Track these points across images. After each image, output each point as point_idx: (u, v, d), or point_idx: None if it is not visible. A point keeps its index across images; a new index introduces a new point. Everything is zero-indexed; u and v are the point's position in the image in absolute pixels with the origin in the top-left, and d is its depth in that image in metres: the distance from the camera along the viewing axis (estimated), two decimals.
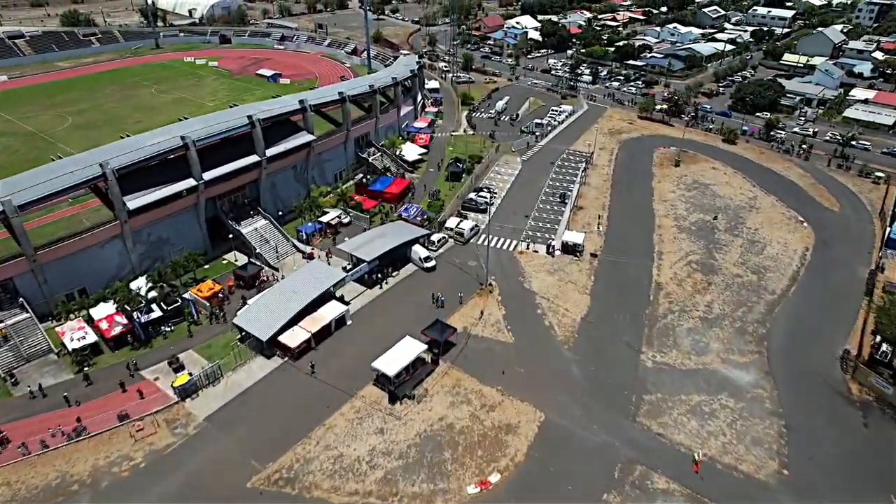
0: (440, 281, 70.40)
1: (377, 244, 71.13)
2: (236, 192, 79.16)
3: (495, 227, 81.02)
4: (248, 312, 61.62)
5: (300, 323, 60.69)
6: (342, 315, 63.08)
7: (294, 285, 63.93)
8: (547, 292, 68.48)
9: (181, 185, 70.58)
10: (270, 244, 76.60)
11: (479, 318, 64.32)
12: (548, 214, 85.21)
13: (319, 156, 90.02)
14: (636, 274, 71.55)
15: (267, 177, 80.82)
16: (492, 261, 73.58)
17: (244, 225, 77.52)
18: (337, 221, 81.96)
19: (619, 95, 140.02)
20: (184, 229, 73.59)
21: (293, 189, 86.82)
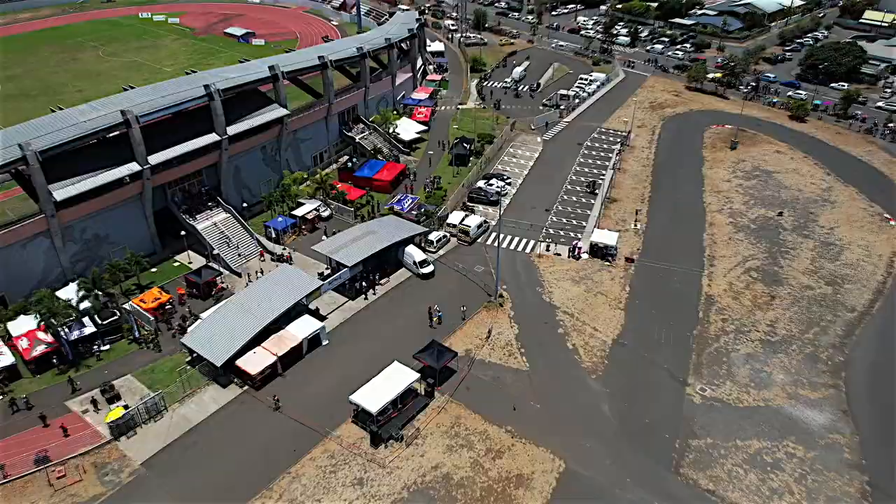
0: (439, 291, 68.13)
1: (362, 245, 68.46)
2: (191, 180, 76.74)
3: (509, 224, 78.43)
4: (200, 330, 59.03)
5: (264, 343, 58.06)
6: (317, 333, 60.38)
7: (257, 296, 61.30)
8: (571, 306, 65.71)
9: (122, 171, 68.03)
10: (232, 243, 73.98)
11: (486, 339, 61.65)
12: (574, 208, 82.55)
13: (295, 134, 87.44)
14: (682, 284, 68.67)
15: (229, 160, 78.24)
16: (504, 266, 71.18)
17: (200, 219, 75.06)
18: (314, 215, 79.42)
19: (663, 61, 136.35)
20: (127, 224, 71.22)
21: (262, 175, 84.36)
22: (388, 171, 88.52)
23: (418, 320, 63.94)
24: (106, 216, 69.42)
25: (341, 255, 66.96)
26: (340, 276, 66.09)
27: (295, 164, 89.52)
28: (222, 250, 72.79)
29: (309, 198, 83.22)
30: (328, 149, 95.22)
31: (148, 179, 70.14)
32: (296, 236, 78.09)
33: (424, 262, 70.54)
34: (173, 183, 75.09)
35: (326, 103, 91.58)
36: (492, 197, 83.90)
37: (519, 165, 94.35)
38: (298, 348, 59.43)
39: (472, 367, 58.81)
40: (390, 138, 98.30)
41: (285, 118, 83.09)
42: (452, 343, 61.42)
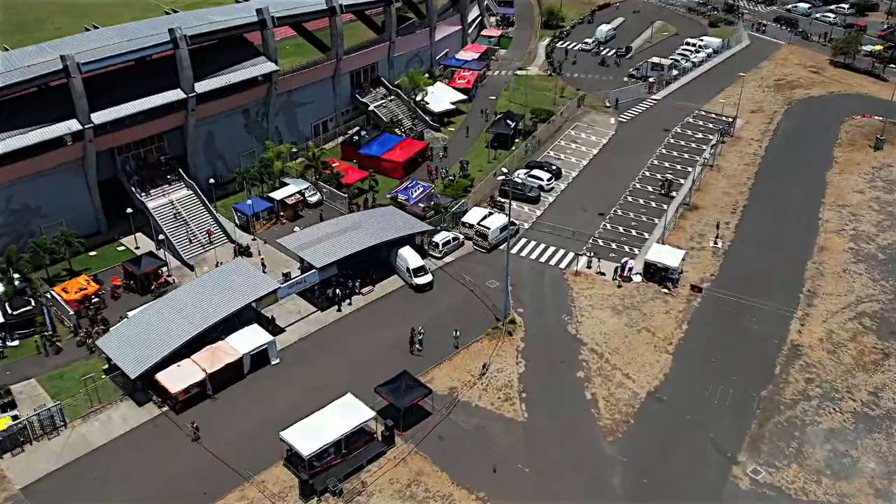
0: (435, 307, 68.44)
1: (341, 241, 69.44)
2: (148, 146, 79.81)
3: (544, 229, 78.29)
4: (121, 332, 61.34)
5: (194, 356, 59.71)
6: (264, 349, 61.60)
7: (196, 295, 63.14)
8: (602, 343, 64.46)
9: (58, 130, 71.53)
10: (190, 228, 76.53)
11: (479, 376, 61.21)
12: (637, 213, 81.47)
13: (289, 96, 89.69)
14: (761, 326, 66.22)
15: (198, 124, 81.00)
16: (526, 282, 70.86)
17: (153, 195, 78.01)
18: (297, 199, 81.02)
19: (807, 26, 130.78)
20: (64, 196, 74.88)
21: (243, 144, 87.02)
22: (403, 149, 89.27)
23: (399, 343, 64.17)
24: (38, 184, 73.17)
25: (310, 253, 68.00)
26: (306, 278, 67.07)
27: (288, 134, 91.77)
28: (174, 235, 75.26)
29: (297, 177, 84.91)
30: (334, 117, 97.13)
31: (90, 141, 73.48)
32: (270, 224, 79.88)
33: (420, 271, 70.66)
34: (125, 148, 78.45)
35: (334, 59, 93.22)
36: (530, 192, 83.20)
37: (578, 153, 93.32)
38: (238, 365, 60.71)
39: (453, 411, 58.42)
40: (416, 108, 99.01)
41: (274, 75, 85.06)
42: (435, 377, 61.31)
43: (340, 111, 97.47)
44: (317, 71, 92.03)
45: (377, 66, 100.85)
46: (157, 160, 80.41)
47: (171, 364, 59.24)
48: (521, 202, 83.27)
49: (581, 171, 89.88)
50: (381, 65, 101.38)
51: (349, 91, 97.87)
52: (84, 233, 75.95)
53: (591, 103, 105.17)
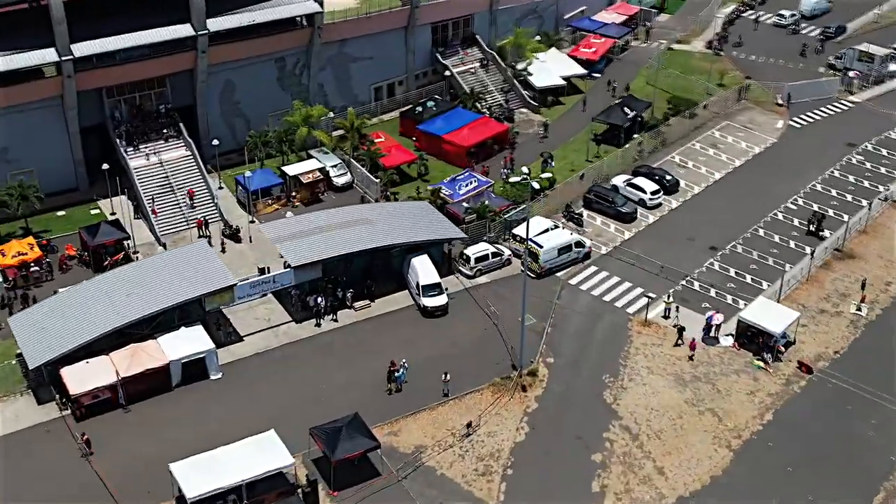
0: (441, 339, 69.31)
1: (336, 238, 71.04)
2: (146, 90, 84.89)
3: (625, 257, 77.68)
4: (38, 311, 65.84)
5: (114, 353, 63.19)
6: (200, 358, 64.24)
7: (134, 280, 66.70)
8: (645, 420, 62.89)
9: (30, 59, 77.58)
10: (175, 197, 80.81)
11: (461, 437, 61.08)
12: (764, 254, 78.96)
13: (341, 48, 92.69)
14: (881, 435, 62.42)
15: (212, 69, 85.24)
16: (575, 323, 70.94)
17: (140, 152, 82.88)
18: (315, 178, 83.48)
19: None
20: (38, 140, 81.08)
21: (274, 101, 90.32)
22: (473, 131, 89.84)
23: (377, 378, 65.07)
24: (5, 123, 79.57)
25: (290, 248, 69.99)
26: (276, 279, 69.17)
27: (338, 95, 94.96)
28: (151, 204, 79.71)
29: (330, 150, 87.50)
30: (405, 79, 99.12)
31: (69, 76, 79.16)
32: (279, 206, 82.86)
33: (432, 289, 70.99)
34: (117, 90, 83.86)
35: (409, 5, 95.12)
36: (622, 206, 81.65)
37: (715, 162, 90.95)
38: (164, 374, 63.61)
39: (409, 476, 58.58)
40: (513, 78, 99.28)
41: (318, 18, 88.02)
42: (403, 429, 61.65)
43: (413, 73, 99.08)
44: (382, 18, 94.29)
45: (472, 20, 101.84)
46: (155, 109, 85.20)
47: (86, 358, 62.66)
48: (608, 218, 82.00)
49: (709, 186, 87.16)
50: (479, 19, 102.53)
51: (429, 49, 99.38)
52: (58, 188, 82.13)
53: (757, 97, 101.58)
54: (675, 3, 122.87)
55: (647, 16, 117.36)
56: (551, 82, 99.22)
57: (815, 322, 71.37)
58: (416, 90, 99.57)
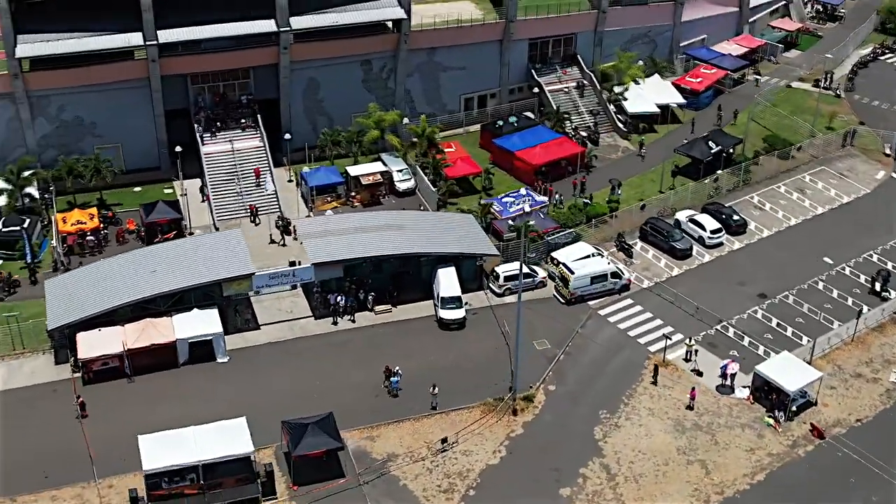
0: (450, 352, 69.65)
1: (363, 240, 72.03)
2: (230, 80, 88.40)
3: (664, 293, 75.72)
4: (72, 278, 69.88)
5: (128, 325, 66.30)
6: (207, 341, 66.51)
7: (163, 257, 69.77)
8: (627, 462, 61.04)
9: (117, 41, 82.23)
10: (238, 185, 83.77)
11: (434, 451, 61.02)
12: (816, 308, 75.02)
13: (431, 56, 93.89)
14: None
15: (295, 66, 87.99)
16: (591, 354, 69.81)
17: (216, 139, 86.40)
18: (375, 180, 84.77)
19: None
20: (125, 118, 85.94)
21: (358, 102, 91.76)
22: (546, 150, 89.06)
23: (375, 380, 65.92)
24: (96, 98, 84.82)
25: (315, 245, 71.44)
26: (295, 273, 70.71)
27: (425, 103, 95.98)
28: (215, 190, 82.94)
29: (399, 155, 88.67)
30: (497, 92, 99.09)
31: (154, 61, 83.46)
32: (338, 204, 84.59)
33: (451, 302, 70.93)
34: (202, 77, 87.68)
35: (504, 19, 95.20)
36: (677, 241, 79.26)
37: (795, 207, 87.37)
38: (170, 350, 66.23)
39: (372, 483, 58.85)
40: (606, 102, 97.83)
41: (403, 23, 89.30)
42: (382, 435, 62.08)
43: (507, 87, 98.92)
44: (475, 30, 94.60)
45: (575, 39, 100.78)
46: (237, 99, 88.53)
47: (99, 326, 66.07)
48: (661, 252, 79.69)
49: (780, 231, 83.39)
50: (583, 39, 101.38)
51: (525, 64, 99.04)
52: (141, 166, 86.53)
53: (866, 145, 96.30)
54: (809, 41, 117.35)
55: (772, 50, 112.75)
56: (645, 109, 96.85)
57: (847, 386, 67.24)
58: (509, 104, 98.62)
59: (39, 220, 79.33)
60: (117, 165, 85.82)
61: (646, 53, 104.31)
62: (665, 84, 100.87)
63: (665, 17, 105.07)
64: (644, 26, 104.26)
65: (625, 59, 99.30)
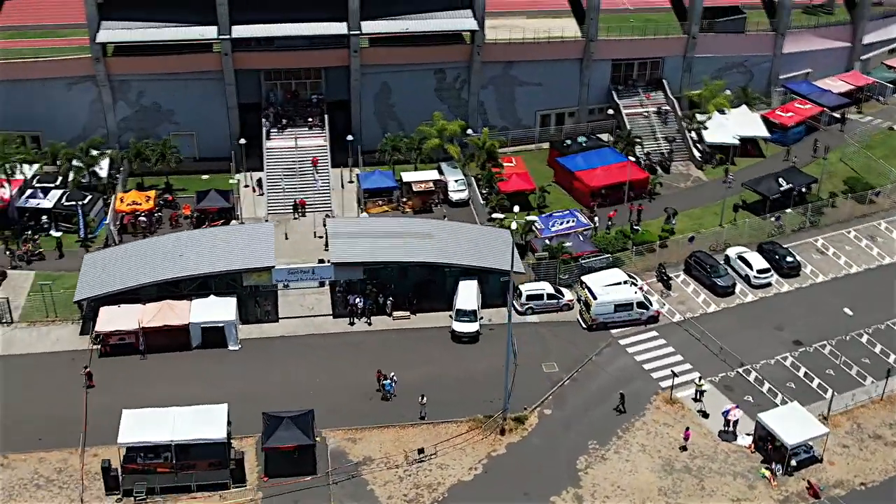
0: (456, 364, 69.60)
1: (388, 245, 72.72)
2: (302, 79, 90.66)
3: (692, 329, 73.29)
4: (108, 254, 73.31)
5: (148, 304, 69.04)
6: (220, 327, 68.53)
7: (193, 243, 72.44)
8: (603, 496, 59.51)
9: (191, 33, 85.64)
10: (281, 181, 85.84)
11: (409, 460, 61.20)
12: (851, 362, 70.98)
13: (506, 69, 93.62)
14: None
15: (367, 69, 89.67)
16: (599, 382, 68.33)
17: (282, 135, 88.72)
18: (426, 188, 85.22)
19: None
20: (200, 107, 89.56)
21: (429, 109, 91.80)
22: (606, 173, 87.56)
23: (373, 384, 66.48)
24: (173, 87, 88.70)
25: (340, 245, 72.53)
26: (315, 271, 71.90)
27: (498, 116, 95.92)
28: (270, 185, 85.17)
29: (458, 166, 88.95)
30: (576, 111, 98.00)
31: (227, 55, 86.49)
32: (389, 208, 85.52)
33: (465, 315, 70.71)
34: (274, 74, 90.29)
35: (584, 37, 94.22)
36: (720, 278, 76.69)
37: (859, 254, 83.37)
38: (183, 333, 68.54)
39: (340, 484, 59.46)
40: (685, 130, 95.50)
41: (477, 35, 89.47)
42: (364, 438, 62.71)
43: (587, 107, 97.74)
44: (553, 46, 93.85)
45: (662, 63, 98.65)
46: (307, 98, 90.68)
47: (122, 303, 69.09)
48: (702, 287, 77.34)
49: (837, 278, 79.53)
50: (672, 64, 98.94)
51: (606, 85, 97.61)
52: (213, 154, 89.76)
53: None
54: None
55: (881, 90, 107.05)
56: (723, 140, 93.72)
57: (862, 446, 63.55)
58: (588, 124, 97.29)
59: (102, 197, 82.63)
60: (191, 153, 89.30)
61: (740, 83, 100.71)
62: (752, 116, 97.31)
63: (764, 48, 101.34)
64: (740, 55, 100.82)
65: (711, 88, 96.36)
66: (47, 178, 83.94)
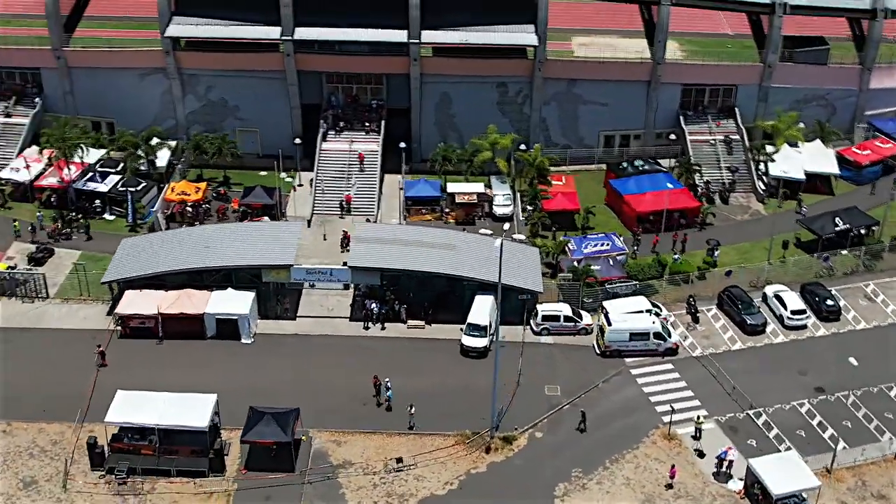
0: (459, 377, 69.23)
1: (408, 254, 72.97)
2: (363, 84, 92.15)
3: (709, 365, 71.05)
4: (144, 241, 76.24)
5: (170, 291, 71.36)
6: (233, 320, 70.30)
7: (223, 236, 74.64)
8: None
9: (256, 32, 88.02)
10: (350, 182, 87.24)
11: (388, 469, 61.53)
12: (870, 415, 67.63)
13: (570, 87, 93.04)
14: None
15: (427, 79, 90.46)
16: (597, 411, 66.74)
17: (338, 138, 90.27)
18: (469, 200, 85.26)
19: None
20: (264, 105, 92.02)
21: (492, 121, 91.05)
22: (656, 199, 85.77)
23: (373, 389, 66.87)
24: (239, 83, 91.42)
25: (360, 249, 73.29)
26: (332, 273, 72.83)
27: (560, 133, 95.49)
28: (321, 186, 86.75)
29: (507, 181, 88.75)
30: (642, 134, 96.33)
31: (289, 56, 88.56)
32: (431, 217, 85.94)
33: (475, 330, 70.53)
34: (336, 77, 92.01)
35: (654, 60, 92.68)
36: (751, 316, 74.31)
37: None
38: (198, 322, 70.52)
39: (312, 483, 60.13)
40: (750, 160, 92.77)
41: (538, 51, 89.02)
42: (351, 440, 63.29)
43: (654, 130, 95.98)
44: (618, 67, 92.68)
45: (736, 91, 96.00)
46: (368, 103, 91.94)
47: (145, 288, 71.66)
48: (731, 323, 75.15)
49: (879, 327, 75.89)
50: (746, 92, 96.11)
51: (675, 109, 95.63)
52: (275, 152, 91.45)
53: None
54: None
55: None
56: (789, 174, 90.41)
57: None
58: (654, 147, 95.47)
59: (157, 186, 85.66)
60: (254, 149, 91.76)
61: (821, 117, 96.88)
62: (826, 152, 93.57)
63: (848, 81, 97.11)
64: (821, 88, 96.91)
65: (785, 119, 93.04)
66: (110, 163, 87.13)
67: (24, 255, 78.56)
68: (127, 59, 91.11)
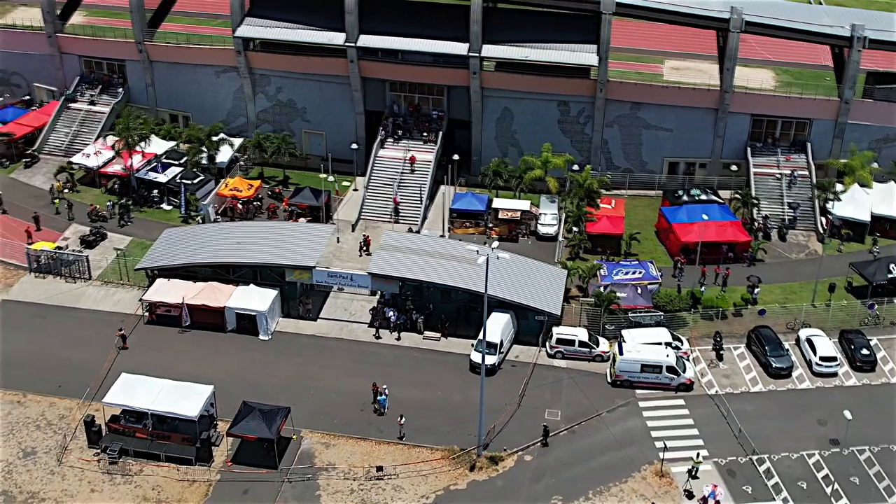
0: (462, 394, 68.93)
1: (430, 265, 73.22)
2: (426, 94, 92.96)
3: (722, 406, 68.84)
4: (184, 232, 79.03)
5: (197, 283, 73.75)
6: (252, 316, 72.21)
7: (256, 234, 76.76)
8: None
9: (321, 37, 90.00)
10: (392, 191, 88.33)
11: (368, 476, 61.99)
12: (886, 473, 64.46)
13: (634, 110, 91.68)
14: None
15: (489, 93, 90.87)
16: (593, 443, 65.98)
17: (396, 146, 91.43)
18: (512, 216, 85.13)
19: None
20: (330, 109, 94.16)
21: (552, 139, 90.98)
22: (704, 230, 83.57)
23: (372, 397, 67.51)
24: (307, 86, 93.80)
25: (382, 256, 73.97)
26: (353, 278, 73.78)
27: (622, 157, 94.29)
28: (373, 189, 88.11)
29: (556, 200, 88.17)
30: (708, 163, 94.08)
31: (353, 62, 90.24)
32: (475, 230, 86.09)
33: (486, 346, 70.10)
34: (399, 86, 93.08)
35: (722, 90, 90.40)
36: (777, 359, 71.68)
37: None
38: (219, 315, 72.62)
39: (291, 482, 61.15)
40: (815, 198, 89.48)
41: (599, 71, 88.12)
42: (340, 444, 63.90)
43: (720, 160, 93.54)
44: (684, 93, 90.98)
45: (810, 125, 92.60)
46: (428, 113, 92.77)
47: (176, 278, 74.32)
48: (756, 362, 72.88)
49: None
50: (821, 127, 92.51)
51: (744, 140, 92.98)
52: (340, 156, 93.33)
53: None
54: None
55: None
56: (854, 215, 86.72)
57: None
58: (719, 177, 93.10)
59: (214, 180, 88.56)
60: (320, 151, 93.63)
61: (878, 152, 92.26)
62: None
63: None
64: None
65: (859, 159, 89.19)
66: (174, 155, 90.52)
67: (78, 237, 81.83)
68: (202, 56, 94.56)
